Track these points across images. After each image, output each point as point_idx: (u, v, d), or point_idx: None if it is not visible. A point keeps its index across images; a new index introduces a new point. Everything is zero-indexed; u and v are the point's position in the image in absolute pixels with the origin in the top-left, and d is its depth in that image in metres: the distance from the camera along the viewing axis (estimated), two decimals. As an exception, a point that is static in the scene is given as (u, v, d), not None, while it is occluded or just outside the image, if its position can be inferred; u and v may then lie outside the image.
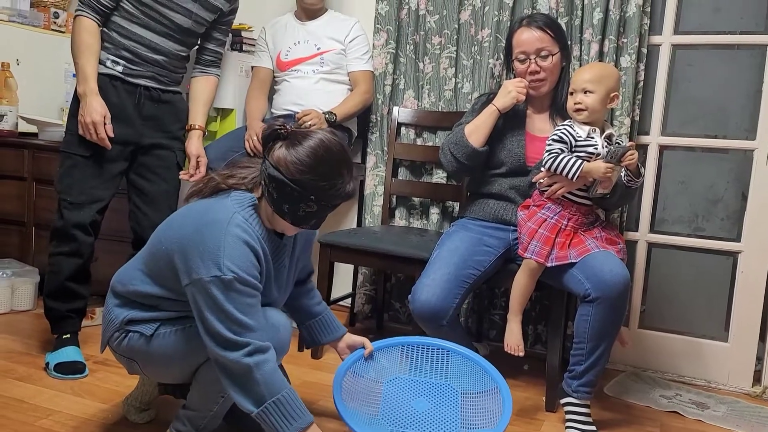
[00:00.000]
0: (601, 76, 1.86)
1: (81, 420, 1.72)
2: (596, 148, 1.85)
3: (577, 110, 1.86)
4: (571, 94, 1.88)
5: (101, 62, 2.06)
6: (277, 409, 1.35)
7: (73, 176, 2.05)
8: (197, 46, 2.31)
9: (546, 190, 1.90)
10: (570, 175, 1.81)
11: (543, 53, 2.00)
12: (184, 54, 2.21)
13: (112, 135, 2.02)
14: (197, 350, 1.45)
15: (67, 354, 2.03)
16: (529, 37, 2.00)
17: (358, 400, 1.66)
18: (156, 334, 1.48)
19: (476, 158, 2.03)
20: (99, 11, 2.02)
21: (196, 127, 2.28)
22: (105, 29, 2.06)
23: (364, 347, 1.75)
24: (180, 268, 1.40)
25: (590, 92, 1.84)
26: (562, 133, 1.87)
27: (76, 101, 2.04)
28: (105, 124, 2.00)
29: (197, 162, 2.26)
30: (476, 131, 2.02)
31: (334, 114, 2.40)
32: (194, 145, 2.26)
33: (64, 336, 2.08)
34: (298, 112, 2.45)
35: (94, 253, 2.14)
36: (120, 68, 2.08)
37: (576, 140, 1.85)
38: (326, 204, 1.45)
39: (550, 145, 1.87)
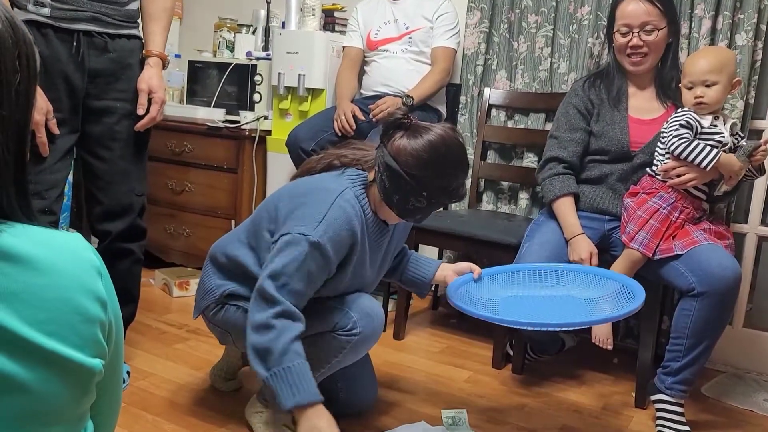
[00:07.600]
0: (722, 63, 1.70)
1: (175, 384, 1.81)
2: (723, 137, 1.72)
3: (699, 104, 1.72)
4: (690, 88, 1.73)
5: (18, 5, 1.54)
6: (285, 377, 1.30)
7: None
8: None
9: (668, 179, 1.76)
10: (704, 164, 1.69)
11: (648, 27, 1.86)
12: None
13: (56, 132, 1.58)
14: None
15: None
16: (636, 9, 1.87)
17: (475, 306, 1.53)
18: None
19: None
20: None
21: (154, 53, 1.71)
22: None
23: (472, 272, 1.64)
24: (279, 227, 1.42)
25: (713, 84, 1.70)
26: (689, 117, 1.73)
27: None
28: (47, 121, 1.54)
29: (150, 98, 1.69)
30: (557, 212, 1.93)
31: (411, 97, 2.35)
32: (147, 76, 1.69)
33: None
34: (387, 93, 2.45)
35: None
36: (46, 10, 1.54)
37: (702, 128, 1.73)
38: (436, 202, 1.44)
39: (677, 129, 1.74)
